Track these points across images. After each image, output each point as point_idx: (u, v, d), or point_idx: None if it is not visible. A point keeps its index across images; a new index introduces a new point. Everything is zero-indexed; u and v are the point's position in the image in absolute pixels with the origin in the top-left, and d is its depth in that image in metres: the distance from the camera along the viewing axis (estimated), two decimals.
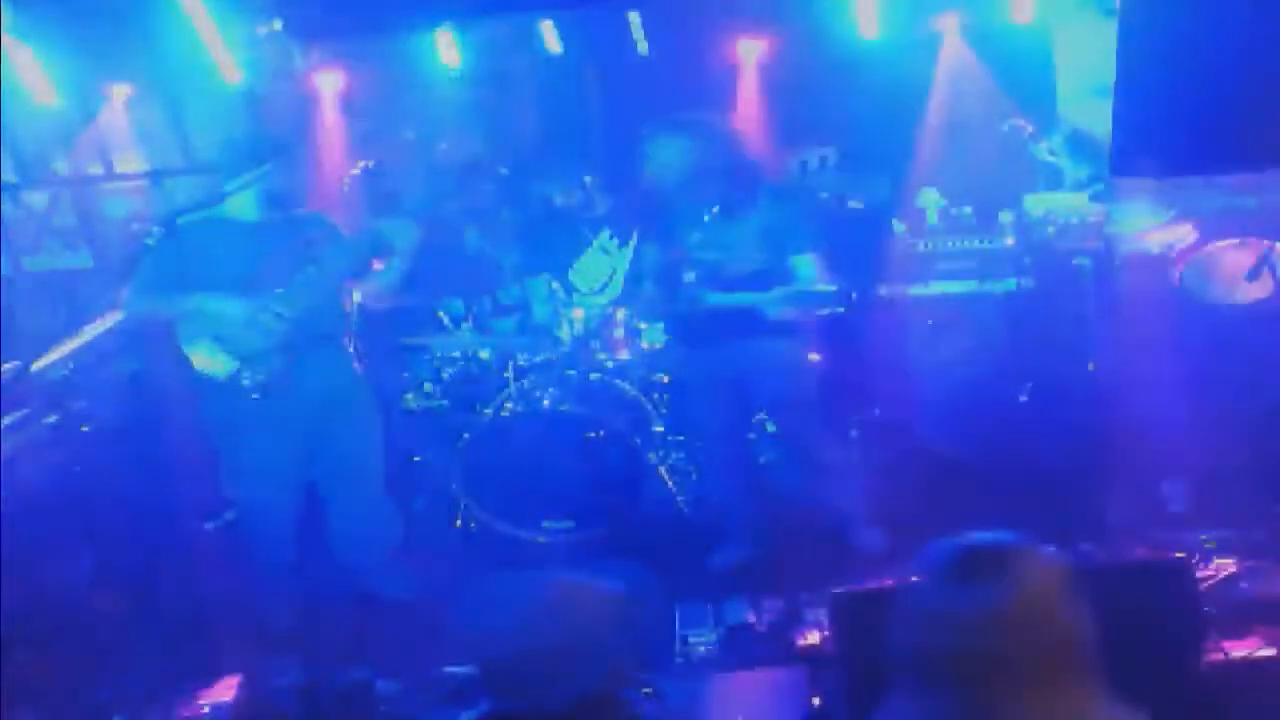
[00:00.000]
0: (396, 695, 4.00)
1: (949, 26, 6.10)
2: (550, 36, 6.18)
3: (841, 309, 4.57)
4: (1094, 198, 5.72)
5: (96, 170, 6.93)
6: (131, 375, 5.71)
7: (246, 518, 4.76)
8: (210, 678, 4.19)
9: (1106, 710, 1.92)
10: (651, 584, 4.43)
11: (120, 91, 6.58)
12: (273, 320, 4.37)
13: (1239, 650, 3.66)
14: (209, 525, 5.31)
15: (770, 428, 5.36)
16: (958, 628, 1.87)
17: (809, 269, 4.58)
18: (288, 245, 4.48)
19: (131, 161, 6.88)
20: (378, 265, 4.67)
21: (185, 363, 4.46)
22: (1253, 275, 5.16)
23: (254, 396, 4.40)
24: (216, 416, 4.55)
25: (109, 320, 5.44)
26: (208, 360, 4.40)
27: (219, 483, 4.76)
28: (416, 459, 5.86)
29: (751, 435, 5.37)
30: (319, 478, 4.71)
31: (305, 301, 4.43)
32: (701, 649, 4.23)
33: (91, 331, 5.49)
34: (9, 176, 6.77)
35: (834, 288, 4.38)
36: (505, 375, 5.52)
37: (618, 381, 5.54)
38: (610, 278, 6.00)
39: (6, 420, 4.95)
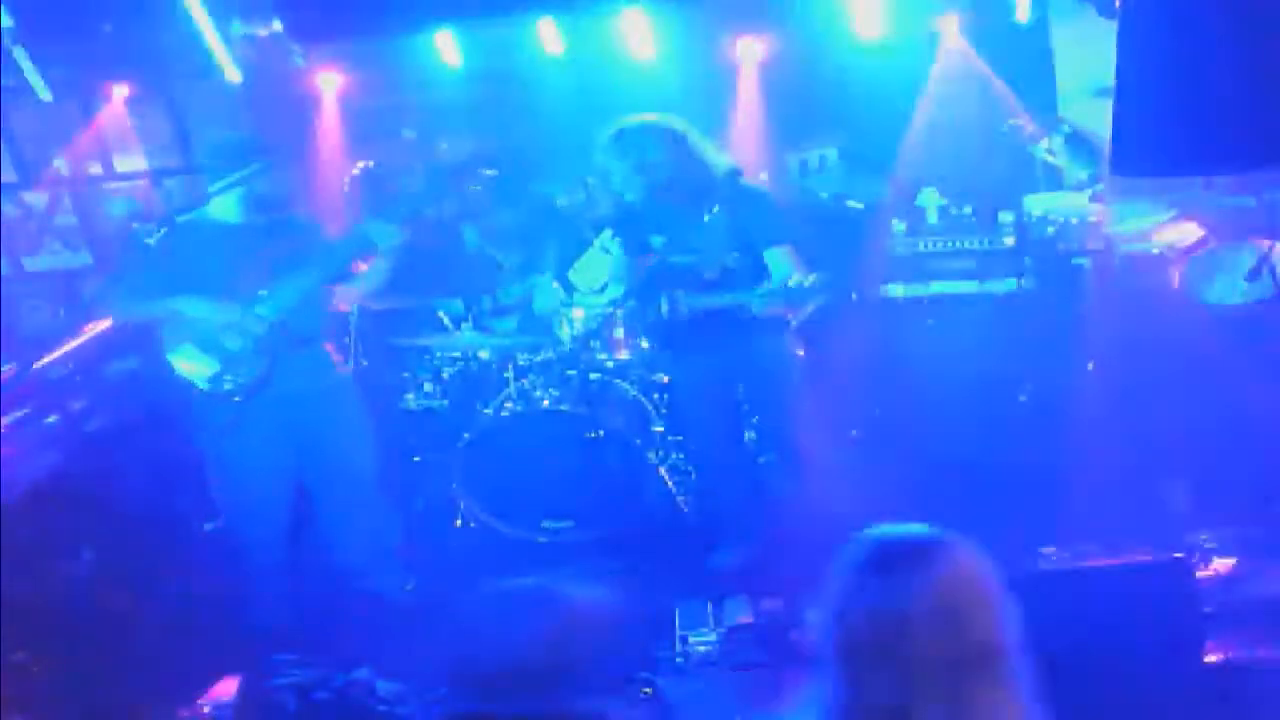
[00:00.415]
0: (396, 695, 4.00)
1: (949, 26, 6.10)
2: (550, 36, 6.18)
3: (826, 299, 4.51)
4: (1094, 198, 5.72)
5: (96, 170, 6.94)
6: (131, 375, 5.71)
7: (235, 519, 4.76)
8: (210, 678, 4.19)
9: (1027, 715, 1.89)
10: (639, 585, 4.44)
11: (120, 91, 6.58)
12: (254, 323, 4.37)
13: (1239, 650, 3.66)
14: (208, 526, 5.30)
15: None
16: (869, 620, 1.87)
17: (784, 261, 4.54)
18: (270, 248, 4.46)
19: (131, 161, 6.89)
20: (361, 267, 4.66)
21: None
22: (1253, 275, 5.15)
23: (236, 399, 4.39)
24: (202, 420, 4.54)
25: (109, 320, 5.44)
26: (190, 364, 4.40)
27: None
28: (416, 459, 5.86)
29: (750, 435, 5.37)
30: (310, 480, 4.70)
31: (287, 304, 4.41)
32: (701, 649, 4.23)
33: (91, 331, 5.49)
34: (9, 176, 6.77)
35: (816, 277, 4.26)
36: (505, 375, 5.53)
37: (618, 381, 5.54)
38: (611, 278, 5.99)
39: (6, 420, 4.95)
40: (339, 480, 4.70)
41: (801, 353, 5.05)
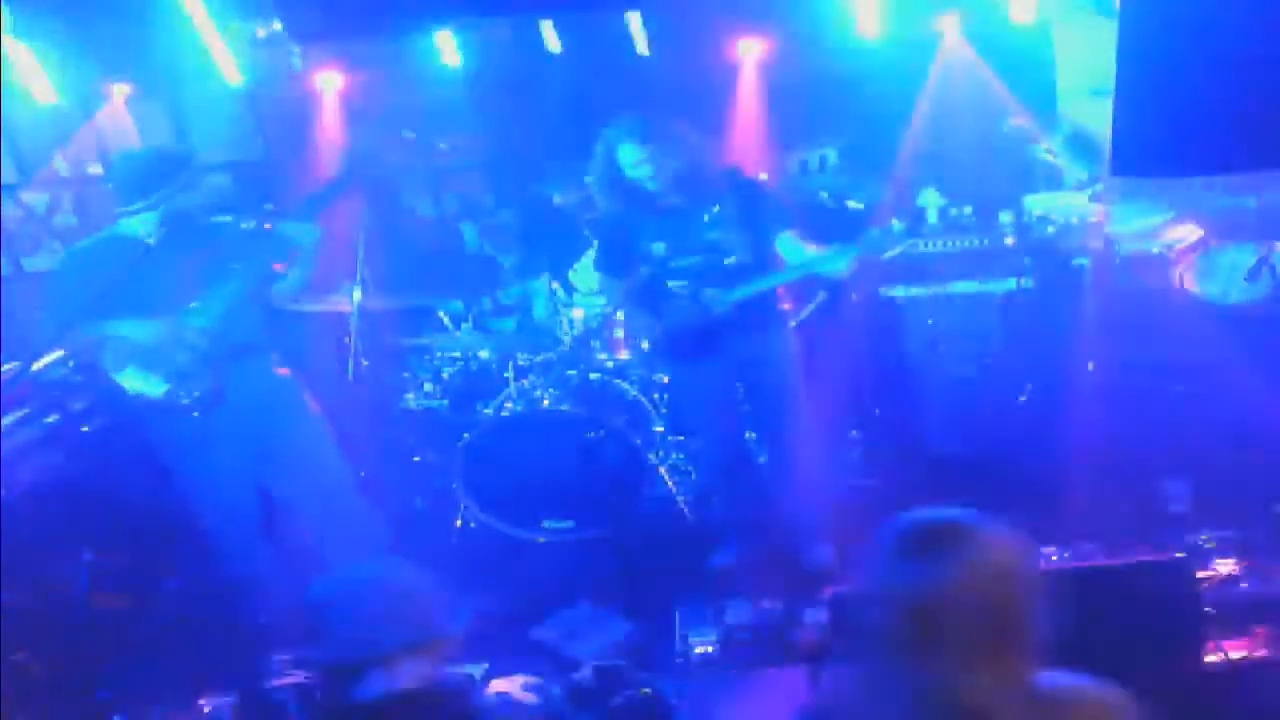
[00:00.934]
0: None
1: (949, 26, 6.10)
2: (550, 36, 6.17)
3: (900, 247, 4.48)
4: (1094, 198, 5.72)
5: (96, 170, 6.94)
6: None
7: (213, 528, 4.73)
8: (210, 678, 4.19)
9: (1056, 680, 1.95)
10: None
11: (120, 91, 6.58)
12: (196, 336, 4.31)
13: (1239, 650, 3.66)
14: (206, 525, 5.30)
15: None
16: (910, 604, 1.91)
17: (794, 245, 4.55)
18: (195, 258, 4.38)
19: None
20: (278, 268, 4.59)
21: None
22: (1253, 275, 5.16)
23: (195, 415, 4.34)
24: (160, 437, 4.49)
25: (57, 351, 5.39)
26: (139, 384, 4.33)
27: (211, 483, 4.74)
28: (416, 459, 5.86)
29: (750, 434, 5.36)
30: (281, 487, 4.66)
31: (218, 313, 4.34)
32: (701, 649, 4.23)
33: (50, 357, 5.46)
34: (9, 176, 6.77)
35: (901, 223, 4.31)
36: (505, 375, 5.53)
37: (617, 381, 5.54)
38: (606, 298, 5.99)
39: (6, 420, 4.95)
40: (308, 486, 4.64)
41: (798, 349, 5.02)
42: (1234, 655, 3.63)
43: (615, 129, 4.57)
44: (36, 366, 5.06)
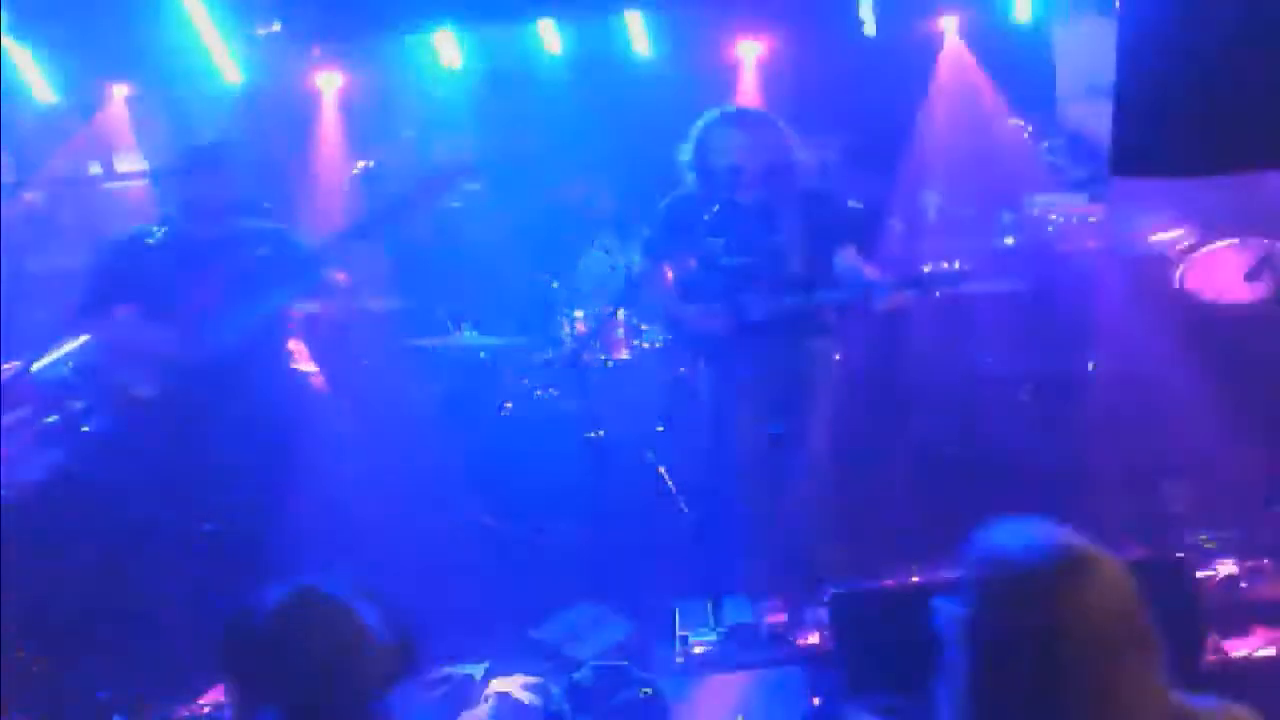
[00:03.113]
0: (397, 695, 3.99)
1: (949, 26, 6.10)
2: (550, 36, 6.18)
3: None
4: (1094, 198, 5.72)
5: (96, 170, 6.94)
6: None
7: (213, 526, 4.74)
8: (210, 678, 4.19)
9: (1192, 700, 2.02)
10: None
11: (120, 91, 6.58)
12: (194, 344, 4.33)
13: (1239, 650, 3.67)
14: (208, 526, 5.29)
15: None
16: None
17: (849, 262, 4.55)
18: (223, 264, 4.39)
19: (131, 161, 6.89)
20: (339, 277, 4.57)
21: None
22: (1253, 275, 5.16)
23: (185, 418, 4.38)
24: (156, 435, 4.54)
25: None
26: (130, 381, 4.43)
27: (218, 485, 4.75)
28: (417, 459, 5.85)
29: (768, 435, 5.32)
30: (285, 489, 4.66)
31: (239, 324, 4.35)
32: (701, 649, 4.22)
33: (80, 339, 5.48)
34: (9, 176, 6.77)
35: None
36: (505, 375, 5.53)
37: (617, 381, 5.53)
38: (610, 277, 5.99)
39: (6, 420, 4.95)
40: (312, 491, 4.64)
41: (838, 357, 4.98)
42: (1234, 655, 3.64)
43: (712, 114, 4.55)
44: (36, 366, 5.08)
